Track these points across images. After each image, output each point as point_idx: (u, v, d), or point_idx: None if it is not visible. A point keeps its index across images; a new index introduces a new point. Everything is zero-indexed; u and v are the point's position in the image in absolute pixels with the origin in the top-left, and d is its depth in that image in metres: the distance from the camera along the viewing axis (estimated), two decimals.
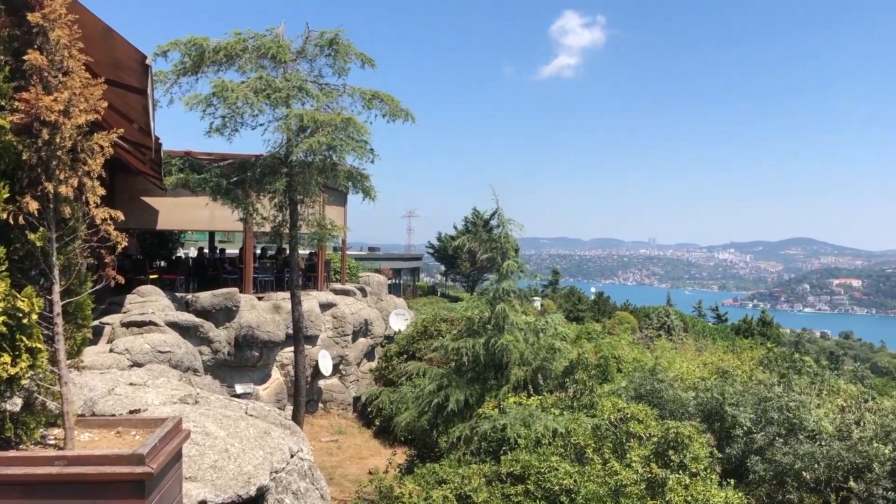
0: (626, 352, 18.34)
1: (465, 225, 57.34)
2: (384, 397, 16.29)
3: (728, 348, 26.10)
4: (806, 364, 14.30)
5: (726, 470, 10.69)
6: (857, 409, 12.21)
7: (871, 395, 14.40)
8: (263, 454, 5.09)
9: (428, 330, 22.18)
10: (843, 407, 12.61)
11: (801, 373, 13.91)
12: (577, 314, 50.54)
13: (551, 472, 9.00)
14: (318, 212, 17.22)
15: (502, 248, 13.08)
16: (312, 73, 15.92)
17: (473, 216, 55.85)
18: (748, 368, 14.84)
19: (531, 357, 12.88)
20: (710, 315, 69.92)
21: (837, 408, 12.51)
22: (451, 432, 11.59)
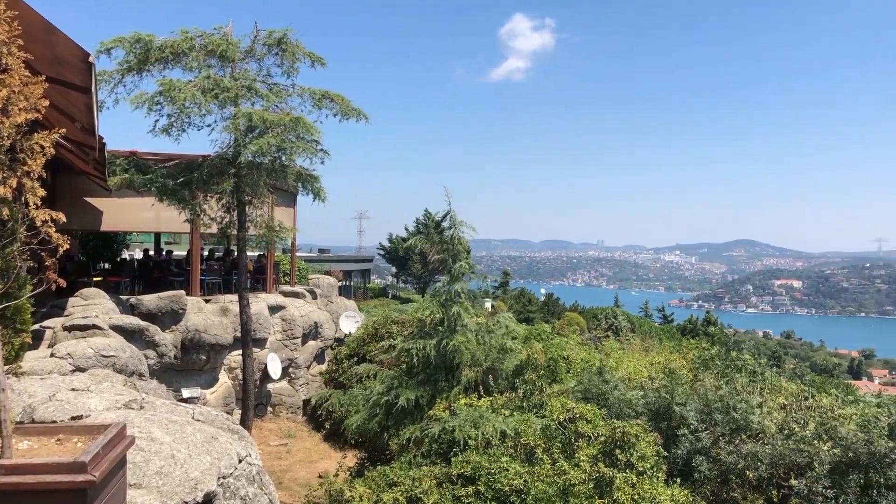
0: (574, 352, 18.56)
1: (416, 226, 57.34)
2: (334, 400, 16.22)
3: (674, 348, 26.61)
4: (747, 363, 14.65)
5: (672, 469, 10.89)
6: (797, 408, 12.55)
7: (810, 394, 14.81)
8: (211, 459, 5.01)
9: (379, 332, 22.10)
10: (784, 405, 12.95)
11: (742, 372, 14.24)
12: (527, 315, 50.90)
13: (501, 473, 9.05)
14: (266, 213, 17.02)
15: (454, 250, 13.10)
16: (261, 72, 15.74)
17: (425, 217, 55.89)
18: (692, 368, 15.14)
19: (482, 358, 12.93)
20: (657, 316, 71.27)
21: (779, 406, 12.84)
22: (402, 434, 11.57)
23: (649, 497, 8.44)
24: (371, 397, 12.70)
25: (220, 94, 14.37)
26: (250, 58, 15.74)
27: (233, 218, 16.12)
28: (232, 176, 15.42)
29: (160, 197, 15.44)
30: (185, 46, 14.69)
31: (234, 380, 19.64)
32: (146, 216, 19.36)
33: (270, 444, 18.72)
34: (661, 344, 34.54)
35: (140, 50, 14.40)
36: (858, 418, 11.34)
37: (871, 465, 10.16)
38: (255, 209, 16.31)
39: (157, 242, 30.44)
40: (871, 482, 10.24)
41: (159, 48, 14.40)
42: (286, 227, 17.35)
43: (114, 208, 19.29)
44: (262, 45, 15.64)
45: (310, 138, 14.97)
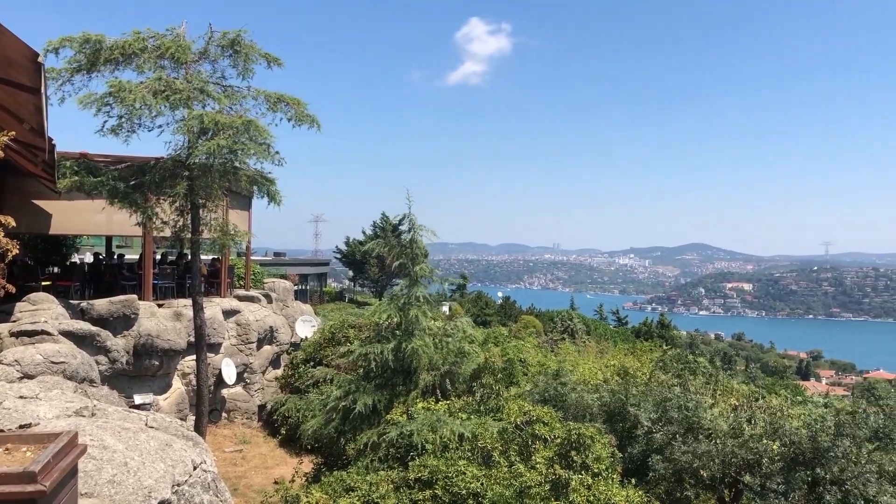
0: (531, 355, 18.66)
1: (374, 230, 57.16)
2: (290, 405, 16.05)
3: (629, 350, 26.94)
4: (700, 365, 14.93)
5: (628, 469, 11.04)
6: (748, 408, 12.83)
7: (761, 394, 15.17)
8: (165, 467, 4.94)
9: (335, 336, 21.98)
10: (735, 406, 13.22)
11: (696, 373, 14.51)
12: (484, 318, 51.08)
13: (458, 477, 9.08)
14: (220, 216, 16.82)
15: (412, 254, 13.12)
16: (215, 74, 15.55)
17: (382, 221, 55.76)
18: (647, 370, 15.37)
19: (440, 362, 12.96)
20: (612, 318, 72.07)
21: (731, 407, 13.11)
22: (359, 439, 11.53)
23: (604, 498, 8.54)
24: (328, 402, 12.63)
25: (172, 96, 14.16)
26: (204, 59, 15.55)
27: (186, 221, 15.90)
28: (185, 178, 15.21)
29: (111, 199, 15.16)
30: (137, 47, 14.46)
31: (187, 385, 19.33)
32: (97, 219, 18.95)
33: (225, 451, 18.48)
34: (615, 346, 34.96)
35: (90, 50, 14.13)
36: (806, 417, 11.65)
37: (817, 462, 10.43)
38: (209, 212, 16.11)
39: (108, 246, 29.85)
40: (817, 478, 10.51)
41: (110, 49, 14.16)
42: (241, 231, 17.17)
43: (63, 211, 18.85)
44: (217, 47, 15.46)
45: (262, 141, 14.83)
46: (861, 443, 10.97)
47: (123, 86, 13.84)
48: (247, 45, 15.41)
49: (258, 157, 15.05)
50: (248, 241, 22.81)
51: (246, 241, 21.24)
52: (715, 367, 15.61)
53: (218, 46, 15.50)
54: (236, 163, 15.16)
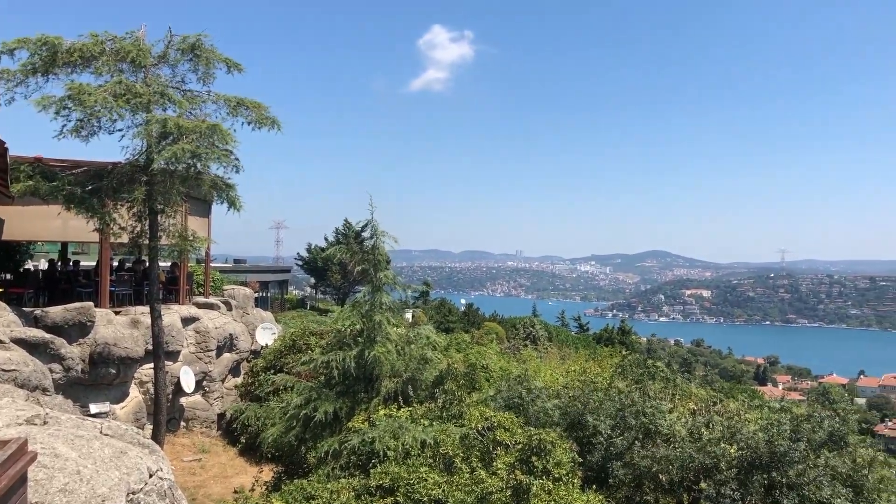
0: (493, 361, 18.72)
1: (336, 236, 56.84)
2: (250, 413, 15.87)
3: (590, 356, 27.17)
4: (659, 370, 15.10)
5: (588, 475, 11.10)
6: (706, 412, 13.01)
7: (719, 399, 15.38)
8: (119, 475, 4.84)
9: (296, 344, 21.80)
10: (694, 410, 13.39)
11: (654, 378, 14.67)
12: (447, 325, 51.09)
13: (420, 483, 9.05)
14: (179, 222, 16.62)
15: (375, 260, 13.07)
16: (175, 78, 15.40)
17: (345, 228, 55.49)
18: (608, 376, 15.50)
19: (402, 368, 12.92)
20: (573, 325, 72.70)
21: (689, 411, 13.28)
22: (320, 447, 11.42)
23: (565, 503, 8.58)
24: (288, 410, 12.51)
25: (132, 100, 13.98)
26: (163, 63, 15.38)
27: (144, 227, 15.68)
28: (144, 184, 15.01)
29: (67, 205, 14.88)
30: (95, 50, 14.25)
31: (145, 394, 19.00)
32: (52, 225, 18.56)
33: (184, 460, 18.19)
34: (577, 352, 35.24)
35: (46, 52, 13.90)
36: (763, 421, 11.85)
37: (773, 466, 10.61)
38: (167, 218, 15.91)
39: (63, 252, 29.22)
40: (773, 482, 10.68)
41: (67, 51, 13.94)
42: (200, 237, 16.98)
43: (16, 217, 18.43)
44: (176, 51, 15.30)
45: (224, 146, 14.70)
46: (816, 446, 11.19)
47: (83, 88, 13.63)
48: (207, 50, 15.28)
49: (221, 162, 14.92)
50: (208, 247, 22.55)
51: (205, 248, 20.97)
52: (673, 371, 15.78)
53: (178, 50, 15.35)
54: (199, 167, 15.00)
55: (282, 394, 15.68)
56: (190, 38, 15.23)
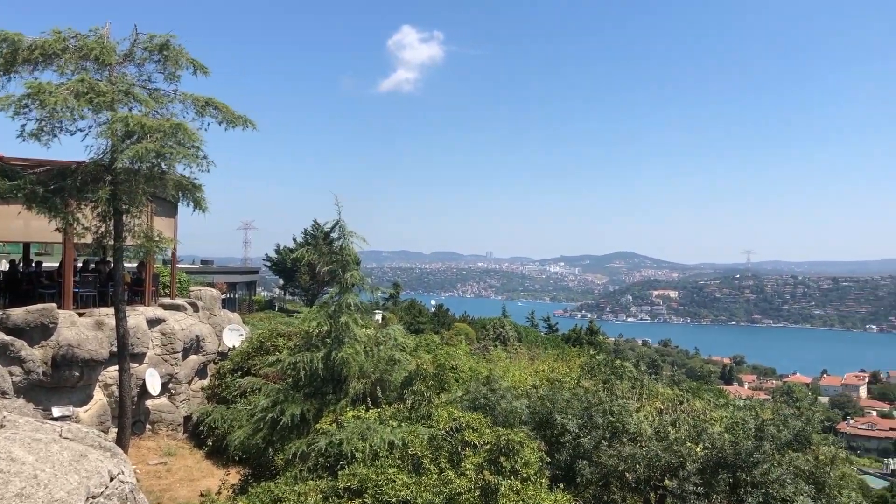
0: (463, 362, 18.72)
1: (305, 237, 56.55)
2: (217, 415, 15.75)
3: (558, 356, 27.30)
4: (626, 370, 15.24)
5: (557, 474, 11.16)
6: (673, 412, 13.16)
7: (685, 398, 15.57)
8: (79, 479, 4.75)
9: (264, 345, 21.62)
10: (660, 409, 13.54)
11: (622, 378, 14.80)
12: (417, 326, 51.09)
13: (388, 485, 9.02)
14: (145, 223, 16.41)
15: (343, 261, 13.01)
16: (141, 77, 15.20)
17: (314, 228, 55.24)
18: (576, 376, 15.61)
19: (371, 369, 12.88)
20: (543, 325, 73.20)
21: (656, 410, 13.42)
22: (288, 449, 11.34)
23: (533, 503, 8.61)
24: (255, 412, 12.41)
25: (96, 99, 13.77)
26: (129, 62, 15.18)
27: (109, 227, 15.46)
28: (108, 183, 14.79)
29: (29, 205, 14.61)
30: (58, 48, 14.02)
31: (109, 397, 18.72)
32: (13, 225, 18.20)
33: (149, 463, 17.95)
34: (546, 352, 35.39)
35: (7, 49, 13.65)
36: (728, 421, 12.00)
37: (738, 465, 10.75)
38: (132, 218, 15.69)
39: (25, 253, 28.68)
40: (738, 481, 10.82)
41: (28, 48, 13.69)
42: (166, 238, 16.79)
43: None
44: (143, 50, 15.11)
45: (191, 145, 14.54)
46: (781, 446, 11.36)
47: (43, 87, 13.40)
48: (176, 51, 15.12)
49: (187, 161, 14.76)
50: (174, 248, 22.29)
51: (171, 249, 20.72)
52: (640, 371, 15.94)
53: (144, 49, 15.15)
54: (164, 167, 14.83)
55: (249, 396, 15.55)
56: (158, 37, 15.05)
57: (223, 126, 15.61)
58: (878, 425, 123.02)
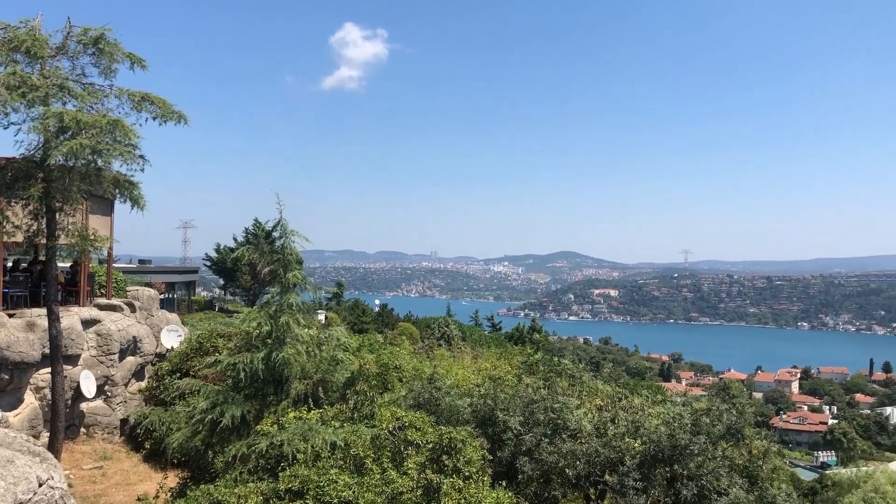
0: (406, 361, 18.75)
1: (245, 236, 55.84)
2: (154, 417, 15.41)
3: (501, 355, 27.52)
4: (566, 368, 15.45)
5: (499, 472, 11.26)
6: (612, 408, 13.40)
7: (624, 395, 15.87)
8: (5, 485, 4.61)
9: (203, 346, 21.25)
10: (600, 406, 13.78)
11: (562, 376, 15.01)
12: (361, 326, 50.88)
13: (330, 486, 8.97)
14: (80, 221, 15.96)
15: (285, 260, 12.87)
16: (75, 71, 14.77)
17: (255, 227, 54.56)
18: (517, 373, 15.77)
19: (313, 370, 12.78)
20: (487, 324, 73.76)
21: (596, 407, 13.65)
22: (228, 451, 11.19)
23: (475, 501, 8.67)
24: (194, 414, 12.20)
25: (29, 93, 13.34)
26: (62, 55, 14.74)
27: (41, 226, 15.00)
28: (40, 180, 14.34)
29: None
30: None
31: (42, 400, 18.14)
32: None
33: (83, 468, 17.47)
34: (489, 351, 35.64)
35: None
36: (665, 416, 12.28)
37: (675, 459, 11.01)
38: (66, 216, 15.25)
39: None
40: (675, 474, 11.09)
41: None
42: (102, 236, 16.37)
43: None
44: (77, 43, 14.69)
45: (127, 142, 14.20)
46: (716, 439, 11.68)
47: None
48: (111, 44, 14.74)
49: (124, 159, 14.41)
50: (110, 247, 21.76)
51: (107, 248, 20.22)
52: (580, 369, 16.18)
53: (78, 43, 14.73)
54: (100, 164, 14.44)
55: (188, 398, 15.26)
56: (93, 31, 14.64)
57: (158, 121, 15.26)
58: (809, 419, 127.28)
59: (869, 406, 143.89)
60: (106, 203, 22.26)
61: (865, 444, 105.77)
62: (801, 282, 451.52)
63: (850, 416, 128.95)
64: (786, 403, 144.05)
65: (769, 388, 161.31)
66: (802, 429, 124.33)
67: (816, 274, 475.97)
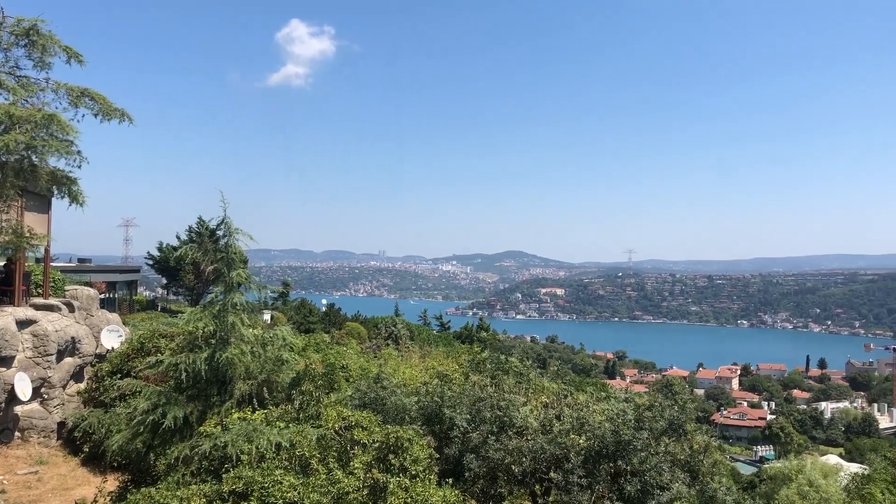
0: (353, 361, 18.65)
1: (189, 235, 54.91)
2: (93, 420, 15.00)
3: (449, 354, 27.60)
4: (512, 365, 15.57)
5: (445, 469, 11.29)
6: (558, 405, 13.55)
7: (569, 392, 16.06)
8: None
9: (145, 346, 20.80)
10: (546, 404, 13.91)
11: (508, 374, 15.12)
12: (308, 326, 50.45)
13: (275, 487, 8.87)
14: (14, 218, 15.47)
15: (229, 259, 12.67)
16: (7, 63, 14.29)
17: (199, 226, 53.70)
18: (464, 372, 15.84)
19: (257, 370, 12.62)
20: (435, 323, 73.86)
21: (542, 404, 13.78)
22: (170, 453, 10.99)
23: (422, 499, 8.67)
24: (135, 415, 11.93)
25: None
26: None
27: None
28: None
29: None
30: None
31: None
32: None
33: (18, 473, 16.95)
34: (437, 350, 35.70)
35: None
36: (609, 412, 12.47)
37: (619, 454, 11.19)
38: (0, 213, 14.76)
39: None
40: (619, 470, 11.26)
41: None
42: (38, 234, 15.92)
43: None
44: (10, 34, 14.21)
45: (64, 137, 13.80)
46: (658, 434, 11.90)
47: None
48: (45, 36, 14.30)
49: (60, 154, 14.00)
50: (47, 245, 21.12)
51: (44, 245, 19.61)
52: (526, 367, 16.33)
53: (11, 34, 14.26)
54: (35, 160, 14.00)
55: (129, 399, 14.92)
56: (25, 21, 14.18)
57: (99, 118, 14.86)
58: (749, 415, 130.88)
59: (805, 401, 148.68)
60: (43, 200, 21.62)
61: (802, 438, 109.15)
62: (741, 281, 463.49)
63: (788, 411, 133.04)
64: (726, 399, 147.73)
65: (710, 385, 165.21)
66: (742, 424, 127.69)
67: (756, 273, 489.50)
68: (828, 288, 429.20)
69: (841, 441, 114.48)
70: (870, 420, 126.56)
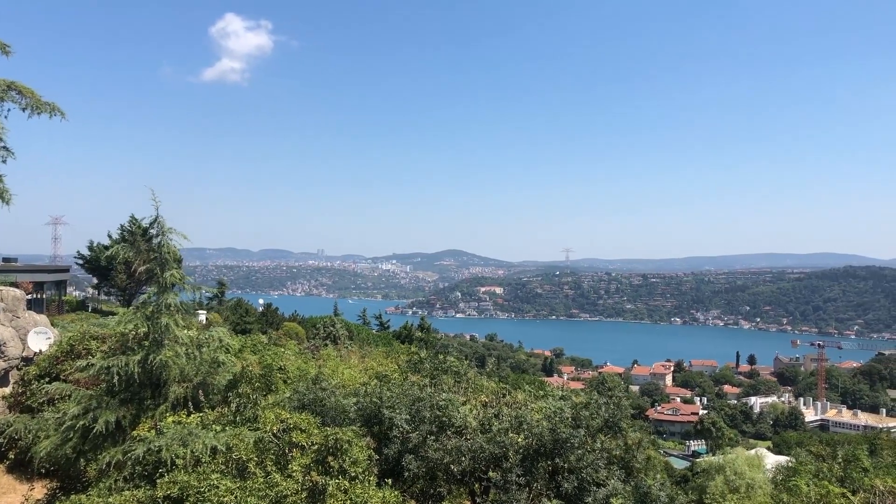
0: (291, 362, 18.46)
1: (121, 234, 53.50)
2: (20, 425, 14.53)
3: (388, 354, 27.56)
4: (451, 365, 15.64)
5: (385, 470, 11.28)
6: (496, 404, 13.67)
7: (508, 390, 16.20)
8: None
9: (75, 349, 20.21)
10: (485, 402, 14.02)
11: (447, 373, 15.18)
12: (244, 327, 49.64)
13: (211, 491, 8.75)
14: None
15: (162, 259, 12.39)
16: None
17: (131, 224, 52.38)
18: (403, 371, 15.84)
19: (192, 373, 12.38)
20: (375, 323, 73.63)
21: (481, 403, 13.88)
22: (101, 458, 10.71)
23: (361, 501, 8.67)
24: (64, 420, 11.58)
25: None
26: None
27: None
28: None
29: None
30: None
31: None
32: None
33: None
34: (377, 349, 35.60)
35: None
36: (547, 410, 12.66)
37: (556, 452, 11.37)
38: None
39: None
40: (557, 468, 11.45)
41: None
42: None
43: None
44: None
45: None
46: (595, 432, 12.13)
47: None
48: None
49: None
50: None
51: None
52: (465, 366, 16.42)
53: None
54: None
55: (58, 403, 14.48)
56: None
57: (27, 113, 14.36)
58: (682, 410, 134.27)
59: (735, 396, 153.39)
60: None
61: (732, 432, 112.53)
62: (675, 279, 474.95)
63: (719, 406, 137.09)
64: (660, 395, 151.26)
65: (645, 381, 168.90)
66: (676, 419, 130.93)
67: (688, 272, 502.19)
68: (757, 286, 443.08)
69: (769, 434, 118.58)
70: (796, 414, 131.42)
